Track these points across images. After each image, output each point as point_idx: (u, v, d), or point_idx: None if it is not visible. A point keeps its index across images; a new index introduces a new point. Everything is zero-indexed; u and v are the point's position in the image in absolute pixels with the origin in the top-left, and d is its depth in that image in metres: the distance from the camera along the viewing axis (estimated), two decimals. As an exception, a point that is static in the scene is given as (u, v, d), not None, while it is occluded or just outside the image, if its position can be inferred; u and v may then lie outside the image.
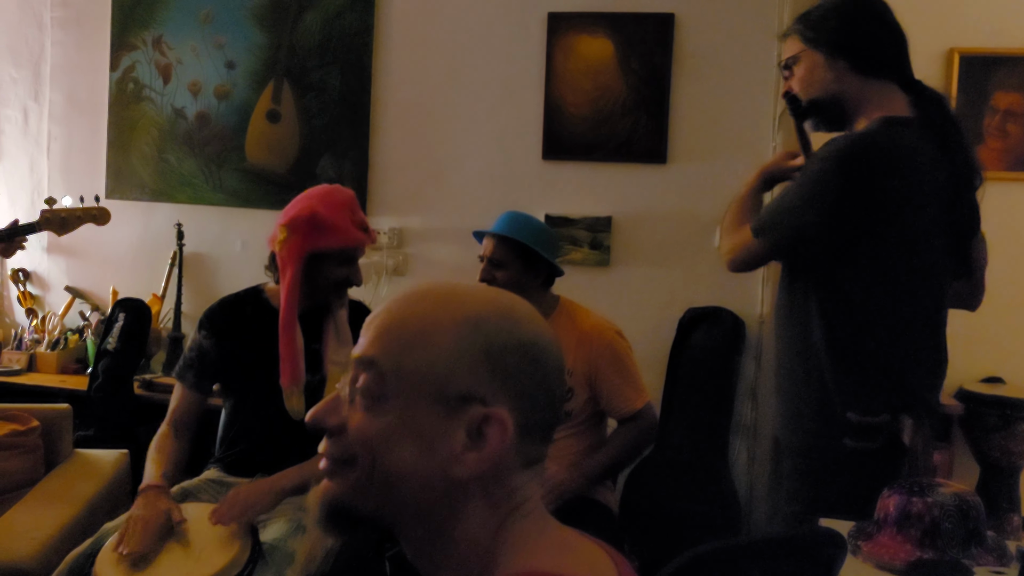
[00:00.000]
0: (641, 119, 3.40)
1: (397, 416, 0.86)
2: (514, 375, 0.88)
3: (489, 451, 0.86)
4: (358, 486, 0.88)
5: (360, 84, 3.61)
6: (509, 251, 2.50)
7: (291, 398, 2.22)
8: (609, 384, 2.50)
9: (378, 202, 3.64)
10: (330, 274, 2.26)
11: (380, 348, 0.89)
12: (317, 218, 2.20)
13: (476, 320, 0.88)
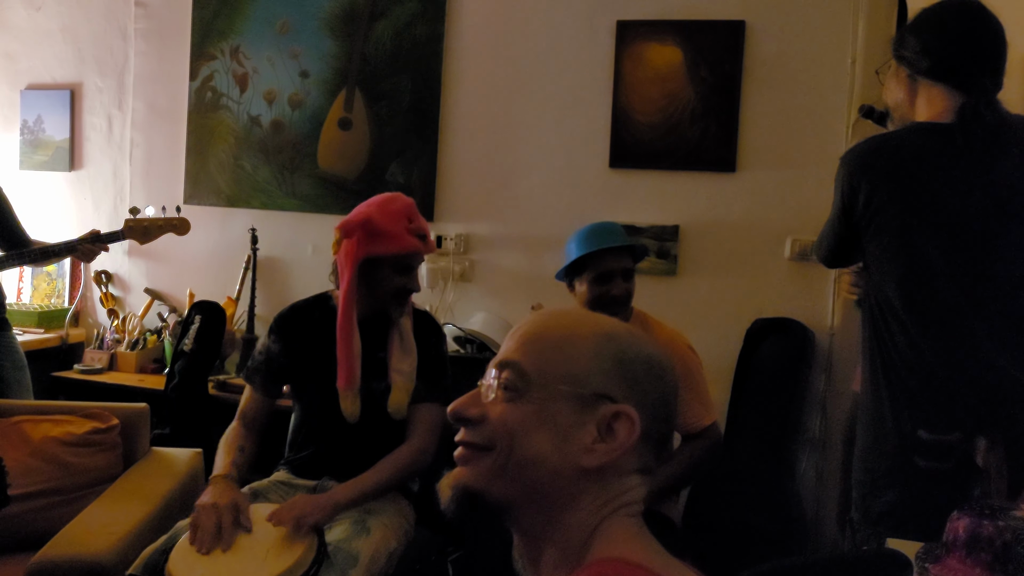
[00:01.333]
0: (710, 127, 3.37)
1: (537, 408, 0.97)
2: (642, 383, 0.99)
3: (617, 444, 0.96)
4: (494, 470, 0.97)
5: (430, 92, 3.66)
6: (631, 260, 2.50)
7: (346, 400, 2.25)
8: (679, 398, 2.47)
9: (445, 208, 3.68)
10: (386, 281, 2.28)
11: (523, 352, 0.99)
12: (371, 224, 2.23)
13: (611, 333, 1.01)
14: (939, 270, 1.82)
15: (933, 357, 1.82)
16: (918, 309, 1.83)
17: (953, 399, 1.82)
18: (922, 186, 1.82)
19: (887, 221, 1.84)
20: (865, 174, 1.86)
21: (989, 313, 1.81)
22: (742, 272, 3.33)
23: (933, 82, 1.88)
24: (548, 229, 3.52)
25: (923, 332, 1.83)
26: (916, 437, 1.82)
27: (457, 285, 3.65)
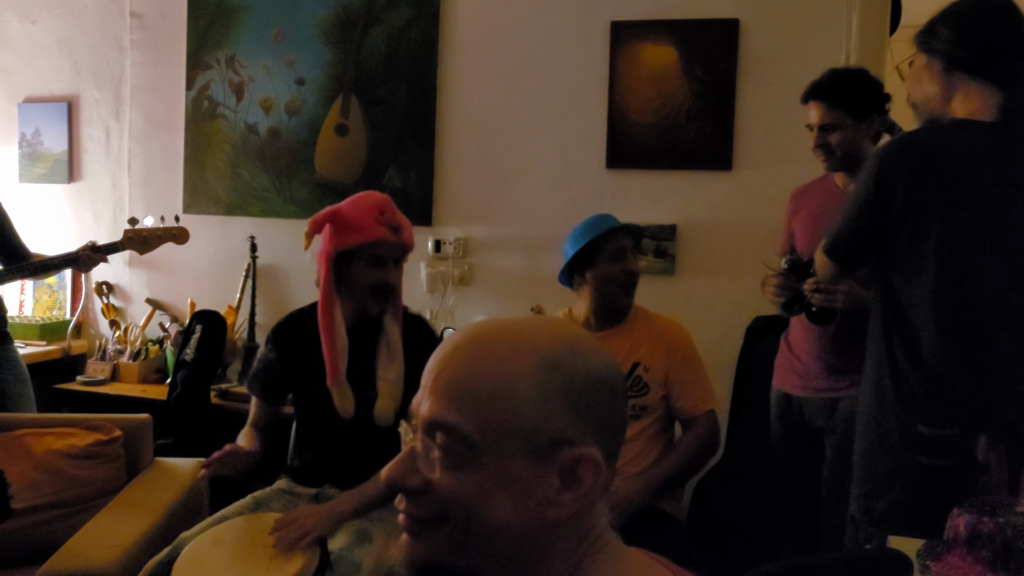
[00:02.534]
0: (706, 126, 3.37)
1: (489, 472, 0.85)
2: (594, 408, 0.88)
3: (584, 490, 0.87)
4: (450, 543, 0.87)
5: (425, 97, 3.66)
6: (636, 246, 2.61)
7: (338, 396, 2.26)
8: (681, 381, 2.56)
9: (443, 212, 3.68)
10: (360, 276, 2.27)
11: (458, 410, 0.86)
12: (338, 216, 2.24)
13: (552, 362, 0.88)
14: (975, 272, 1.81)
15: (949, 358, 1.81)
16: (946, 309, 1.81)
17: (959, 400, 1.82)
18: (965, 186, 1.79)
19: (926, 220, 1.80)
20: (904, 171, 1.80)
21: (1014, 320, 1.82)
22: (741, 270, 3.32)
23: (971, 77, 1.84)
24: (546, 230, 3.52)
25: (945, 333, 1.81)
26: (917, 433, 1.82)
27: (457, 289, 3.66)
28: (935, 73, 1.88)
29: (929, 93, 1.89)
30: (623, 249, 2.54)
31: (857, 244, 1.94)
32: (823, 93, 2.50)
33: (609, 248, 2.54)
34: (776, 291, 2.45)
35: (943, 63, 1.86)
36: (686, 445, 2.54)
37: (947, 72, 1.86)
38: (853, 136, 2.47)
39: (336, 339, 2.27)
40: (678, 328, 2.64)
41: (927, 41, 1.89)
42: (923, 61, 1.90)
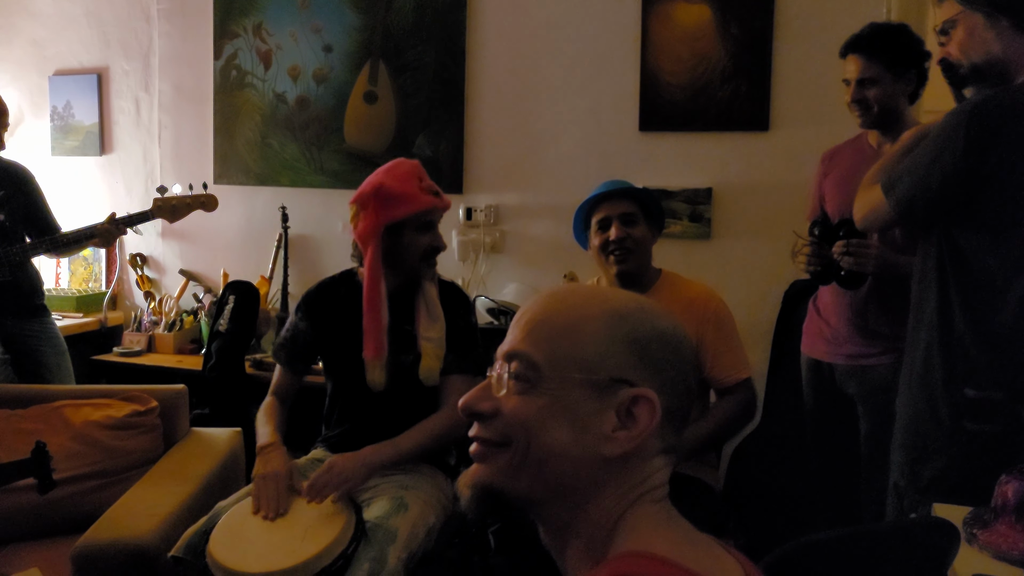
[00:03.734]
0: (742, 86, 3.29)
1: (551, 399, 0.92)
2: (658, 361, 0.94)
3: (639, 430, 0.91)
4: (512, 466, 0.93)
5: (454, 62, 3.61)
6: (638, 208, 2.50)
7: (373, 371, 2.26)
8: (714, 350, 2.47)
9: (474, 179, 3.64)
10: (412, 243, 2.27)
11: (531, 341, 0.94)
12: (384, 190, 2.23)
13: (621, 312, 0.95)
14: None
15: (1015, 327, 1.76)
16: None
17: (1013, 364, 1.76)
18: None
19: (1016, 190, 1.71)
20: (1000, 132, 1.70)
21: None
22: (779, 233, 3.24)
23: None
24: (578, 196, 3.40)
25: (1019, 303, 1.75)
26: (963, 396, 1.77)
27: (488, 257, 3.63)
28: (1003, 31, 1.76)
29: (995, 53, 1.77)
30: (607, 219, 2.46)
31: (939, 204, 1.79)
32: (863, 46, 2.42)
33: (596, 216, 2.50)
34: (808, 260, 2.41)
35: (1013, 19, 1.75)
36: (722, 411, 2.48)
37: (1018, 29, 1.75)
38: (891, 92, 2.40)
39: (381, 314, 2.27)
40: (709, 295, 2.54)
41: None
42: (980, 19, 1.78)
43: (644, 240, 2.49)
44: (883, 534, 1.40)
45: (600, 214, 2.49)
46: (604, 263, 2.51)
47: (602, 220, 2.48)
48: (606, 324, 0.94)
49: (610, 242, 2.46)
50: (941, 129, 1.78)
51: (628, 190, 2.52)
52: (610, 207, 2.48)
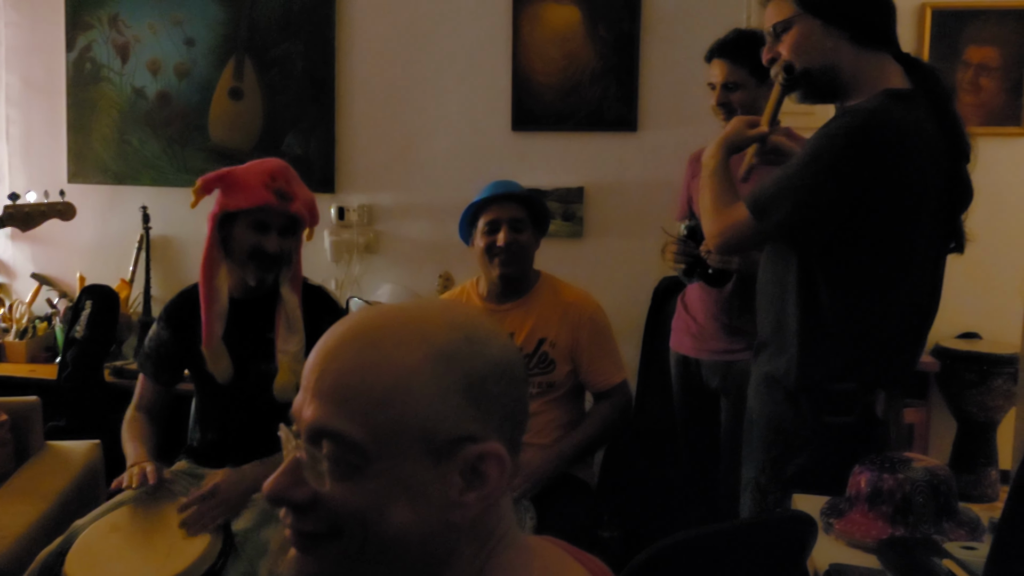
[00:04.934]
0: (611, 87, 3.35)
1: (385, 480, 0.78)
2: (497, 399, 0.82)
3: (489, 488, 0.81)
4: (345, 559, 0.80)
5: (324, 58, 3.54)
6: (526, 212, 2.52)
7: (213, 362, 2.19)
8: (589, 356, 2.53)
9: (347, 179, 3.58)
10: (240, 239, 2.17)
11: (345, 414, 0.78)
12: (227, 177, 2.16)
13: (448, 353, 0.81)
14: (914, 242, 1.80)
15: (882, 323, 1.83)
16: (892, 275, 1.80)
17: (865, 356, 1.84)
18: (919, 160, 1.75)
19: (893, 202, 1.74)
20: (887, 154, 1.71)
21: (932, 282, 1.89)
22: (648, 231, 3.32)
23: (876, 48, 1.80)
24: (453, 195, 3.45)
25: (888, 299, 1.81)
26: (822, 391, 1.84)
27: (363, 257, 3.57)
28: (839, 42, 1.78)
29: (831, 62, 1.79)
30: (497, 221, 2.48)
31: (826, 226, 1.77)
32: (728, 51, 2.49)
33: (486, 218, 2.51)
34: (675, 258, 2.47)
35: (849, 31, 1.77)
36: (599, 416, 2.54)
37: (854, 42, 1.78)
38: (754, 96, 2.48)
39: (215, 302, 2.19)
40: (585, 300, 2.60)
41: (819, 6, 1.77)
42: (818, 25, 1.77)
43: (529, 246, 2.53)
44: (745, 529, 1.45)
45: (490, 216, 2.50)
46: (488, 264, 2.52)
47: (491, 222, 2.49)
48: (434, 375, 0.79)
49: (497, 246, 2.47)
50: (821, 150, 1.74)
51: (520, 194, 2.53)
52: (501, 210, 2.50)
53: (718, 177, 1.90)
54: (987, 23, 4.17)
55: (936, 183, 1.78)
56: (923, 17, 4.13)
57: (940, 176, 1.78)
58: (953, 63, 4.20)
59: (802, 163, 1.76)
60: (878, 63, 1.81)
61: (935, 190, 1.78)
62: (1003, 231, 3.91)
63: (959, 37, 4.18)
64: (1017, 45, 4.15)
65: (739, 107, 2.48)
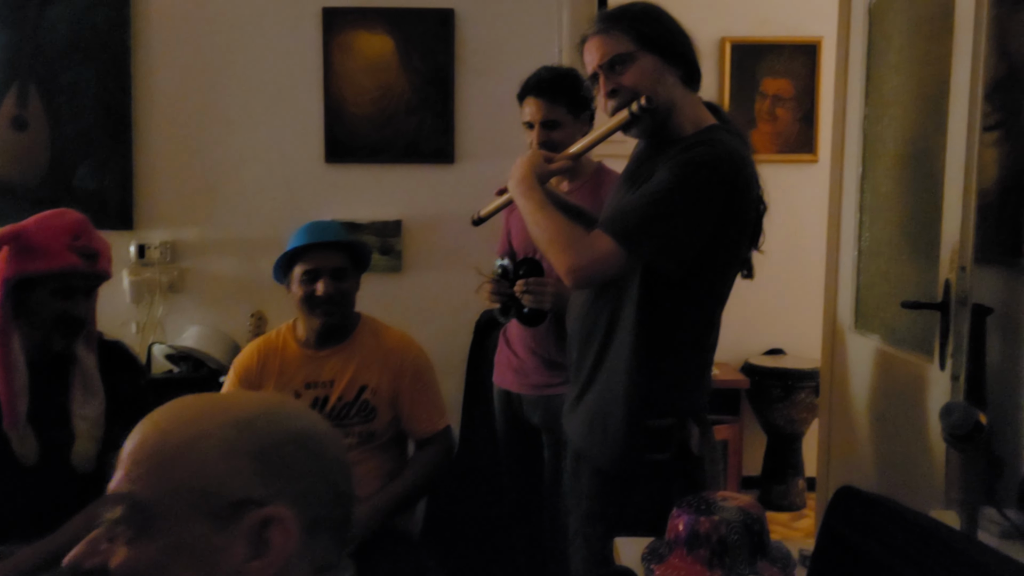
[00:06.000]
0: (426, 118, 3.31)
1: (167, 541, 0.79)
2: (291, 468, 0.83)
3: (273, 556, 0.80)
4: None
5: (118, 85, 3.29)
6: (347, 258, 2.42)
7: (17, 442, 1.98)
8: (411, 403, 2.46)
9: (147, 214, 3.34)
10: (44, 306, 1.99)
11: (136, 476, 0.81)
12: (24, 237, 1.96)
13: (244, 421, 0.83)
14: (731, 276, 1.90)
15: (705, 358, 1.91)
16: (717, 306, 1.90)
17: (687, 384, 1.89)
18: (753, 196, 1.84)
19: (735, 235, 1.82)
20: (740, 183, 1.77)
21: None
22: (468, 264, 3.26)
23: (695, 89, 1.89)
24: (264, 230, 3.31)
25: (711, 330, 1.90)
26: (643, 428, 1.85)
27: (166, 297, 3.35)
28: (676, 80, 1.84)
29: (669, 97, 1.83)
30: (316, 271, 2.36)
31: (692, 249, 1.77)
32: (545, 89, 2.47)
33: (304, 266, 2.37)
34: (490, 297, 2.45)
35: (682, 70, 1.84)
36: (420, 464, 2.47)
37: (683, 82, 1.85)
38: (573, 133, 2.47)
39: (14, 376, 1.97)
40: (407, 344, 2.53)
41: (658, 43, 1.82)
42: (657, 61, 1.81)
43: (351, 292, 2.44)
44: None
45: (308, 265, 2.37)
46: (308, 314, 2.40)
47: (310, 272, 2.36)
48: (225, 438, 0.81)
49: (317, 297, 2.36)
50: (687, 178, 1.75)
51: (348, 243, 2.43)
52: (320, 259, 2.37)
53: (550, 209, 1.86)
54: (780, 57, 4.44)
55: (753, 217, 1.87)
56: (723, 51, 4.35)
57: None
58: (751, 94, 4.45)
59: (667, 191, 1.75)
60: (696, 103, 1.90)
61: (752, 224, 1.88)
62: (802, 251, 4.16)
63: (756, 70, 4.43)
64: (807, 78, 4.44)
65: (560, 145, 2.46)
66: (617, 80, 1.83)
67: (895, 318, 2.86)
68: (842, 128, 3.28)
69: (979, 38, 2.38)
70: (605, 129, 1.91)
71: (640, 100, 1.79)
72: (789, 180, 4.30)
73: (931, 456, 2.50)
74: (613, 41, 1.83)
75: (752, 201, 1.84)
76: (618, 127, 1.87)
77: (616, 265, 1.78)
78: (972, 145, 2.38)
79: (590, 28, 1.89)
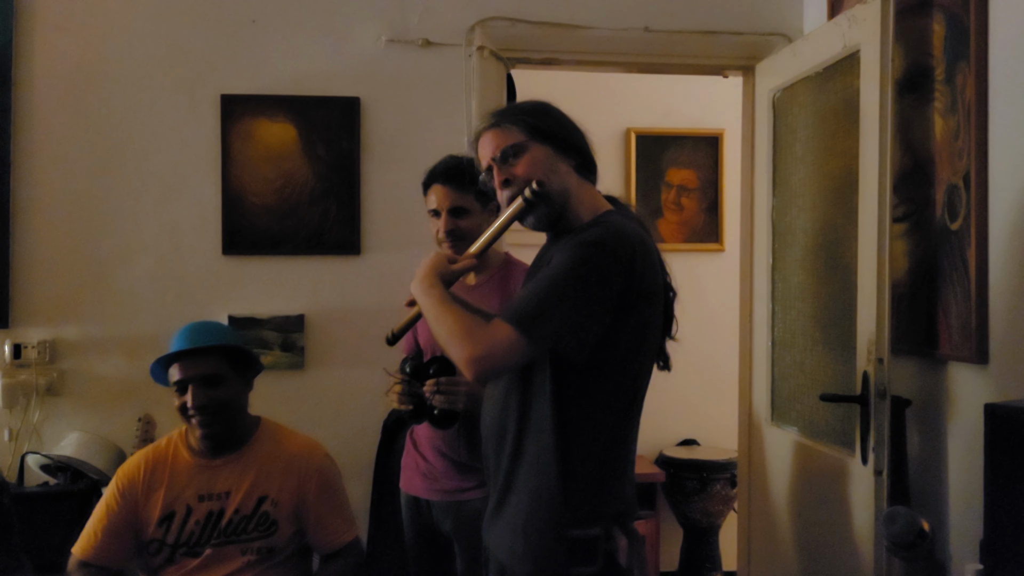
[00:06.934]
0: (331, 208, 3.18)
1: None
2: None
3: None
4: None
5: (-5, 174, 3.07)
6: (223, 362, 2.24)
7: None
8: (316, 513, 2.29)
9: (23, 311, 3.07)
10: None
11: None
12: None
13: None
14: (646, 366, 1.84)
15: (626, 456, 1.82)
16: (635, 401, 1.82)
17: (610, 488, 1.78)
18: (657, 276, 1.81)
19: (640, 315, 1.76)
20: (638, 266, 1.73)
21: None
22: (375, 360, 3.09)
23: (589, 178, 1.91)
24: (154, 326, 3.09)
25: (630, 426, 1.82)
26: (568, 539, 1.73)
27: (43, 401, 3.06)
28: (570, 170, 1.85)
29: (564, 185, 1.83)
30: (184, 382, 2.21)
31: (593, 334, 1.71)
32: (453, 177, 2.40)
33: (170, 374, 2.24)
34: (400, 399, 2.32)
35: (575, 160, 1.86)
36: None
37: (577, 171, 1.86)
38: (479, 223, 2.41)
39: None
40: (311, 450, 2.36)
41: (548, 134, 1.84)
42: (550, 152, 1.83)
43: (231, 400, 2.26)
44: None
45: (177, 373, 2.22)
46: (189, 425, 2.23)
47: (178, 383, 2.21)
48: None
49: (188, 407, 2.20)
50: (582, 259, 1.70)
51: (213, 347, 2.25)
52: (189, 367, 2.21)
53: (450, 304, 1.79)
54: (684, 148, 4.50)
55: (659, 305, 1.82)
56: (629, 140, 4.38)
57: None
58: (657, 184, 4.49)
59: (562, 274, 1.71)
60: (593, 192, 1.90)
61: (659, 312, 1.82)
62: (711, 340, 4.15)
63: (661, 160, 4.48)
64: (711, 168, 4.52)
65: (467, 233, 2.38)
66: (510, 170, 1.84)
67: (813, 410, 2.83)
68: (751, 218, 3.31)
69: (884, 132, 2.42)
70: (503, 221, 1.88)
71: (532, 185, 1.78)
72: (697, 269, 4.32)
73: (858, 557, 2.44)
74: (505, 133, 1.85)
75: (656, 282, 1.79)
76: (515, 216, 1.84)
77: (517, 353, 1.69)
78: (883, 237, 2.40)
79: (483, 123, 1.91)
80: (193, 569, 2.21)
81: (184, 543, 2.22)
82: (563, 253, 1.74)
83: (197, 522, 2.23)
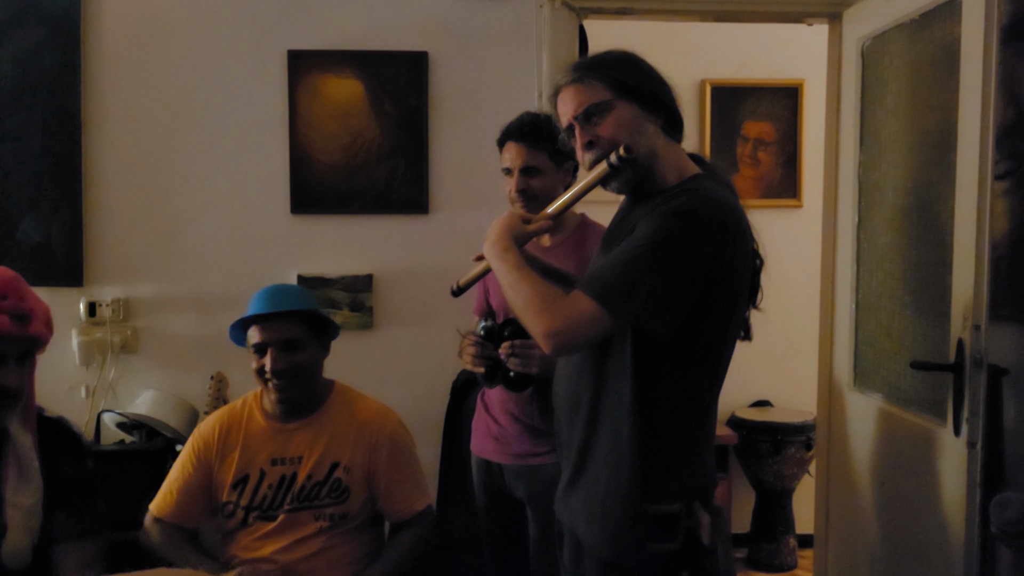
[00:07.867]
0: (399, 166, 3.13)
1: None
2: None
3: None
4: None
5: (67, 132, 3.07)
6: (303, 327, 2.22)
7: None
8: (388, 480, 2.27)
9: (97, 270, 3.11)
10: None
11: None
12: None
13: None
14: (732, 340, 1.77)
15: (709, 432, 1.76)
16: (721, 376, 1.77)
17: (692, 460, 1.72)
18: (749, 244, 1.72)
19: (734, 291, 1.68)
20: (735, 238, 1.64)
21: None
22: (443, 321, 3.09)
23: (676, 138, 1.80)
24: (225, 286, 3.10)
25: (712, 404, 1.77)
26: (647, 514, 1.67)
27: (118, 359, 3.10)
28: (657, 129, 1.73)
29: (651, 146, 1.72)
30: (263, 344, 2.19)
31: (681, 311, 1.63)
32: (527, 135, 2.32)
33: (250, 335, 2.23)
34: (474, 360, 2.26)
35: (662, 119, 1.74)
36: (398, 551, 2.26)
37: (664, 131, 1.75)
38: (554, 182, 2.33)
39: None
40: (384, 417, 2.33)
41: (636, 91, 1.71)
42: (636, 109, 1.71)
43: (309, 365, 2.24)
44: None
45: (257, 336, 2.20)
46: (263, 387, 2.22)
47: (257, 346, 2.19)
48: None
49: (266, 371, 2.18)
50: (670, 231, 1.61)
51: (304, 312, 2.23)
52: (270, 330, 2.19)
53: (527, 270, 1.70)
54: (761, 100, 4.32)
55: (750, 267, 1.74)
56: (704, 93, 4.23)
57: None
58: (733, 137, 4.33)
59: (649, 245, 1.61)
60: (679, 153, 1.79)
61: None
62: (787, 300, 4.01)
63: (737, 113, 4.31)
64: (789, 121, 4.33)
65: (539, 193, 2.31)
66: (594, 131, 1.73)
67: (899, 376, 2.71)
68: (835, 175, 3.15)
69: (988, 83, 2.25)
70: (584, 184, 1.79)
71: (619, 150, 1.67)
72: (772, 226, 4.10)
73: (948, 531, 2.33)
74: (589, 90, 1.72)
75: (747, 253, 1.70)
76: (597, 181, 1.75)
77: (598, 328, 1.62)
78: (984, 196, 2.25)
79: (564, 78, 1.78)
80: (267, 533, 2.21)
81: (257, 507, 2.23)
82: (649, 223, 1.64)
83: (270, 486, 2.22)
